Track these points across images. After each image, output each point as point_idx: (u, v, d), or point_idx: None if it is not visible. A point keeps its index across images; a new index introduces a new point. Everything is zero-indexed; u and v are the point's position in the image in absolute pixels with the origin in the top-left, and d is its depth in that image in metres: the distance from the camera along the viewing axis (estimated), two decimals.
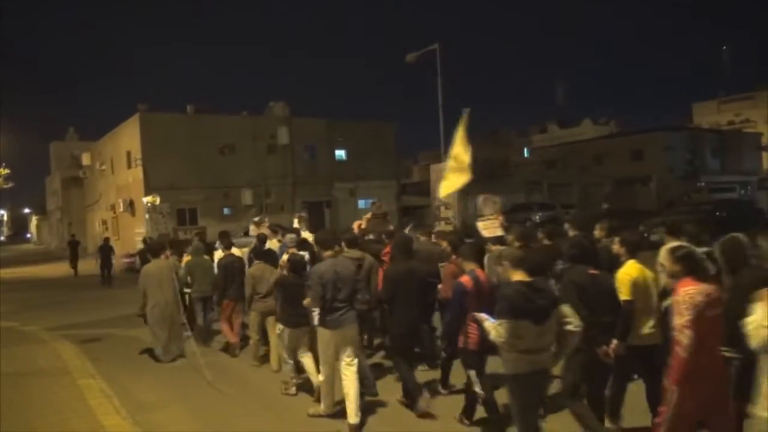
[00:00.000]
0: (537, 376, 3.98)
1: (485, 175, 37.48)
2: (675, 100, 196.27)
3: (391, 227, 8.28)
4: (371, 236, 8.41)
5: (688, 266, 3.87)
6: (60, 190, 45.11)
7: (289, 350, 6.34)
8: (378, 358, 7.62)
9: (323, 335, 5.48)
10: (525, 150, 57.12)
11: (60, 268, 25.10)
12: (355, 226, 8.55)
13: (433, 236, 8.04)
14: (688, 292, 3.75)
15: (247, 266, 8.40)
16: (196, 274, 8.80)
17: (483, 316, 4.22)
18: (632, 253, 4.81)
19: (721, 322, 3.84)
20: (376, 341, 8.06)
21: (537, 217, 32.13)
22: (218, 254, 9.29)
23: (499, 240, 7.07)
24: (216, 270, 8.77)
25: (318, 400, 5.82)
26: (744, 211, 24.03)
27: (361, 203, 32.42)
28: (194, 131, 28.11)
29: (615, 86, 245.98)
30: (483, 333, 4.30)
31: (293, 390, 6.40)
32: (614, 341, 4.39)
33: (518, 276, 4.00)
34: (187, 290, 8.91)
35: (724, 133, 51.01)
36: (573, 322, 4.00)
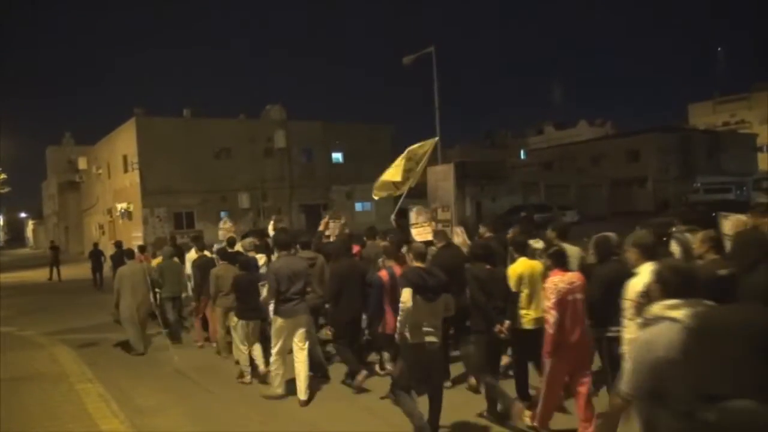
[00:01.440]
0: (427, 347, 4.78)
1: (483, 177, 37.66)
2: (671, 100, 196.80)
3: (347, 230, 9.30)
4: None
5: (556, 261, 4.96)
6: (56, 195, 45.02)
7: (241, 340, 7.05)
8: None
9: (277, 322, 6.24)
10: (522, 152, 57.26)
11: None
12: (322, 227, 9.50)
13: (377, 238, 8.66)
14: (554, 281, 4.76)
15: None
16: (167, 275, 9.47)
17: None
18: (521, 252, 5.77)
19: (583, 304, 4.76)
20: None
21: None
22: (191, 256, 9.96)
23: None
24: (190, 271, 9.59)
25: (265, 382, 6.72)
26: (740, 211, 24.05)
27: (359, 206, 32.43)
28: (191, 135, 28.10)
29: (611, 87, 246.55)
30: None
31: (248, 378, 7.01)
32: (506, 321, 5.33)
33: (418, 264, 5.10)
34: (158, 290, 9.54)
35: (720, 133, 51.20)
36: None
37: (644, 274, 3.85)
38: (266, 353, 6.91)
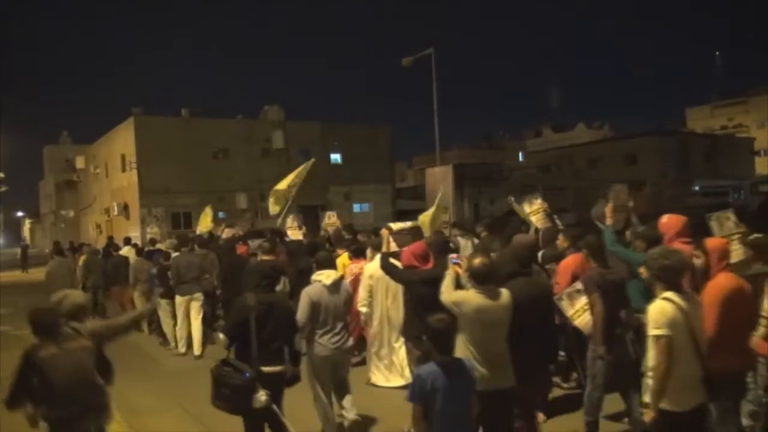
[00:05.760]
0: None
1: (481, 179, 37.66)
2: (670, 104, 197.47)
3: (241, 233, 11.84)
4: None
5: (355, 253, 7.20)
6: (54, 194, 44.97)
7: (167, 316, 8.92)
8: None
9: (178, 300, 8.53)
10: (520, 154, 57.34)
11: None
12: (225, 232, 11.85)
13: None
14: (350, 267, 6.95)
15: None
16: (91, 270, 11.58)
17: None
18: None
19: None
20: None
21: None
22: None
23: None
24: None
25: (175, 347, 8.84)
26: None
27: (356, 207, 32.43)
28: (189, 135, 28.08)
29: (609, 90, 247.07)
30: None
31: (172, 345, 8.89)
32: None
33: (266, 258, 7.04)
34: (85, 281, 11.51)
35: (718, 137, 51.33)
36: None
37: (375, 261, 6.05)
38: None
